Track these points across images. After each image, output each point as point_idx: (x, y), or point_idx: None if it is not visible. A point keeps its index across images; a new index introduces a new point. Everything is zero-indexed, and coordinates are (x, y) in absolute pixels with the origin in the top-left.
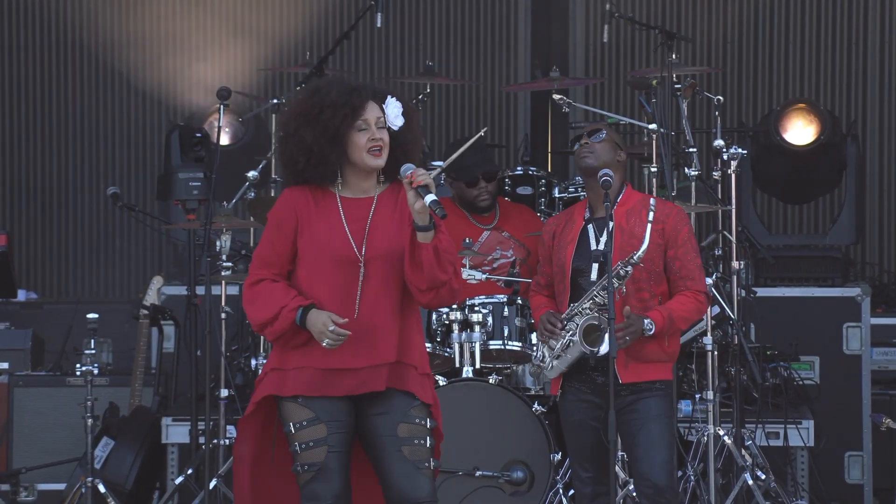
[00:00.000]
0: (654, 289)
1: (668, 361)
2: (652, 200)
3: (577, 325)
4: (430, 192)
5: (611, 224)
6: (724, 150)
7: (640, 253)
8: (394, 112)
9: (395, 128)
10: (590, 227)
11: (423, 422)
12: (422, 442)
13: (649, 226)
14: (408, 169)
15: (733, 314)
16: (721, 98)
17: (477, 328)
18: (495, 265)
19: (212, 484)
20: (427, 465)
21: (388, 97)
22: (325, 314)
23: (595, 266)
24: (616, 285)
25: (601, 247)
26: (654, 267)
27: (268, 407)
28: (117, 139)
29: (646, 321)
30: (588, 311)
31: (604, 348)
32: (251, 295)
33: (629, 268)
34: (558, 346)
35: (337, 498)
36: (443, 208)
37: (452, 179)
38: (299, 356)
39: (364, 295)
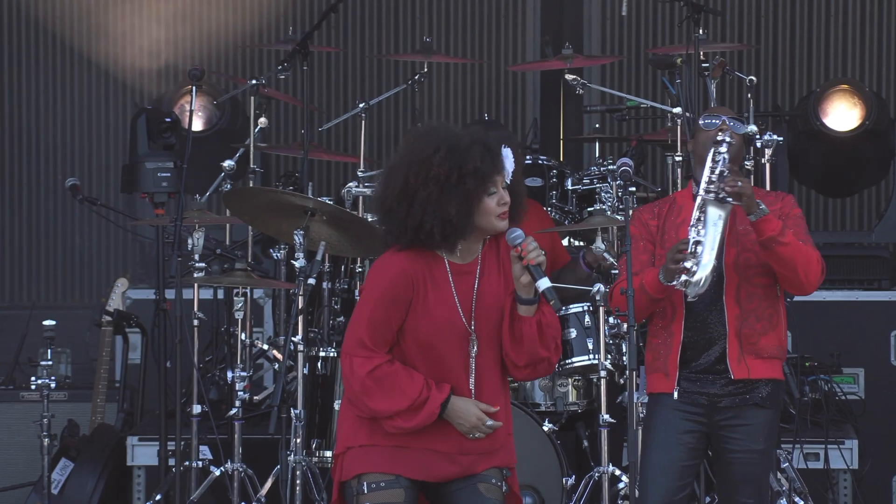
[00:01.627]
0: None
1: (781, 358)
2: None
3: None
4: (543, 274)
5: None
6: (758, 136)
7: (746, 128)
8: (510, 163)
9: (509, 181)
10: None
11: (499, 483)
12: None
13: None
14: (516, 237)
15: None
16: (754, 78)
17: None
18: None
19: None
20: None
21: (505, 149)
22: (473, 405)
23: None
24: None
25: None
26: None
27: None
28: (76, 125)
29: (759, 202)
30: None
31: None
32: (372, 384)
33: (729, 138)
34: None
35: None
36: (559, 299)
37: None
38: (406, 436)
39: (478, 371)
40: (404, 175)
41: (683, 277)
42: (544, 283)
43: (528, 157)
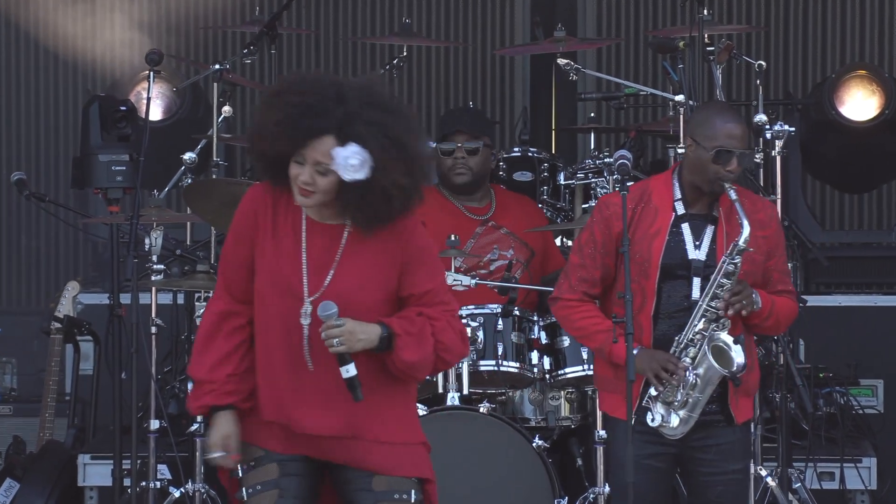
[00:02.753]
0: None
1: (755, 394)
2: (733, 193)
3: (703, 350)
4: (349, 361)
5: (711, 228)
6: (768, 126)
7: (744, 236)
8: (345, 164)
9: (346, 179)
10: (685, 225)
11: (407, 496)
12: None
13: (738, 206)
14: (325, 315)
15: None
16: (763, 63)
17: None
18: (492, 268)
19: None
20: None
21: (350, 145)
22: (224, 432)
23: (697, 280)
24: (726, 285)
25: (702, 255)
26: (756, 280)
27: None
28: (22, 113)
29: (754, 293)
30: (703, 332)
31: (739, 358)
32: (203, 329)
33: (737, 259)
34: (682, 389)
35: None
36: (358, 391)
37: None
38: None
39: (313, 341)
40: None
41: (658, 421)
42: (346, 374)
43: (516, 148)
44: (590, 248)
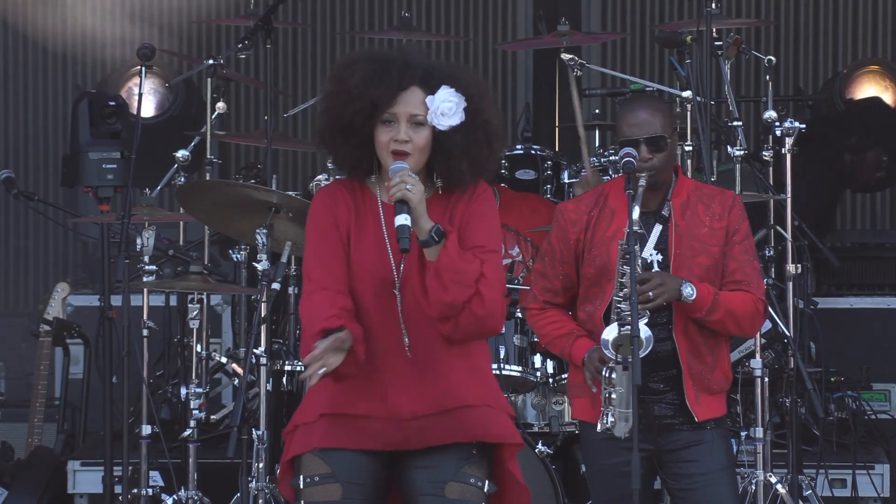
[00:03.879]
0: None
1: (726, 391)
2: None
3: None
4: (405, 211)
5: (660, 224)
6: (777, 123)
7: (629, 221)
8: (443, 108)
9: (442, 128)
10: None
11: (479, 483)
12: None
13: (636, 209)
14: (394, 170)
15: (788, 331)
16: (773, 59)
17: None
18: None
19: None
20: None
21: (442, 88)
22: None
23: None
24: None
25: (650, 250)
26: (719, 274)
27: None
28: (11, 110)
29: (685, 283)
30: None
31: (642, 334)
32: (312, 300)
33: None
34: (606, 387)
35: None
36: (408, 240)
37: None
38: (327, 400)
39: (412, 326)
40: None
41: (608, 424)
42: (399, 220)
43: (519, 146)
44: (549, 256)
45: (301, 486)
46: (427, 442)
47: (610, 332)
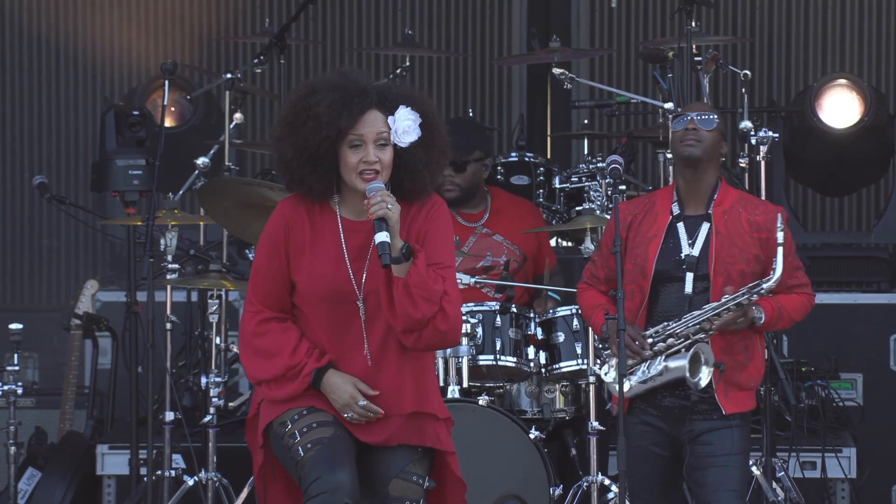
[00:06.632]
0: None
1: (755, 388)
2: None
3: (681, 349)
4: (384, 228)
5: (706, 225)
6: (752, 133)
7: (771, 283)
8: (403, 126)
9: (403, 145)
10: (679, 225)
11: (420, 480)
12: None
13: (780, 249)
14: (371, 190)
15: None
16: (748, 73)
17: (464, 340)
18: (486, 274)
19: None
20: None
21: (401, 108)
22: (351, 383)
23: (690, 276)
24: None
25: (695, 251)
26: (756, 278)
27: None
28: (44, 120)
29: (755, 309)
30: (689, 335)
31: (703, 381)
32: (252, 344)
33: (755, 297)
34: (640, 369)
35: (349, 480)
36: (388, 255)
37: None
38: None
39: (373, 338)
40: (276, 122)
41: (610, 380)
42: (379, 237)
43: (513, 153)
44: (599, 250)
45: (290, 425)
46: (378, 439)
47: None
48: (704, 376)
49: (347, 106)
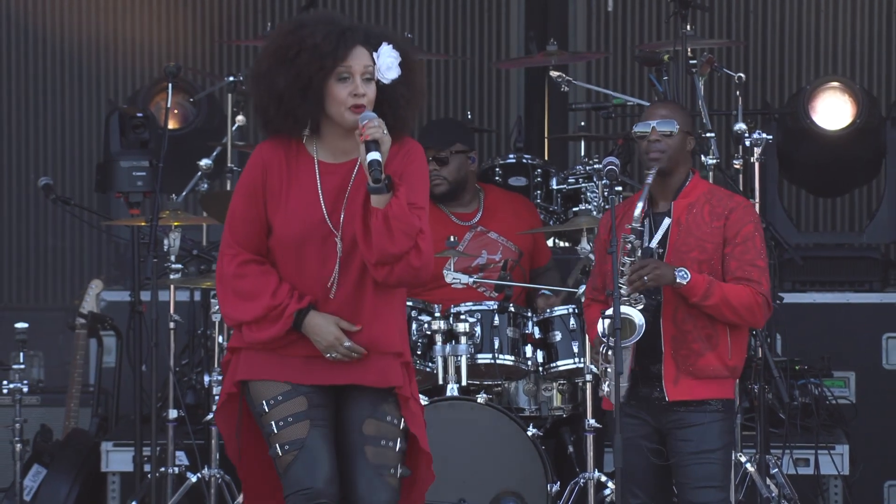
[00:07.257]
0: None
1: (728, 377)
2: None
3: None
4: (377, 150)
5: (667, 220)
6: (747, 135)
7: (634, 215)
8: (387, 62)
9: (386, 81)
10: (646, 221)
11: (395, 420)
12: (390, 444)
13: (667, 220)
14: (364, 118)
15: None
16: (743, 76)
17: (463, 339)
18: (482, 272)
19: None
20: (392, 471)
21: (384, 44)
22: (333, 322)
23: None
24: (627, 263)
25: (654, 244)
26: (714, 269)
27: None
28: (49, 122)
29: (680, 269)
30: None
31: (638, 319)
32: (233, 286)
33: (631, 237)
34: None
35: (327, 483)
36: (380, 171)
37: None
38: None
39: (345, 276)
40: (260, 57)
41: (604, 391)
42: (370, 157)
43: (511, 155)
44: (595, 258)
45: (266, 410)
46: (348, 379)
47: (605, 317)
48: (636, 315)
49: (342, 38)
